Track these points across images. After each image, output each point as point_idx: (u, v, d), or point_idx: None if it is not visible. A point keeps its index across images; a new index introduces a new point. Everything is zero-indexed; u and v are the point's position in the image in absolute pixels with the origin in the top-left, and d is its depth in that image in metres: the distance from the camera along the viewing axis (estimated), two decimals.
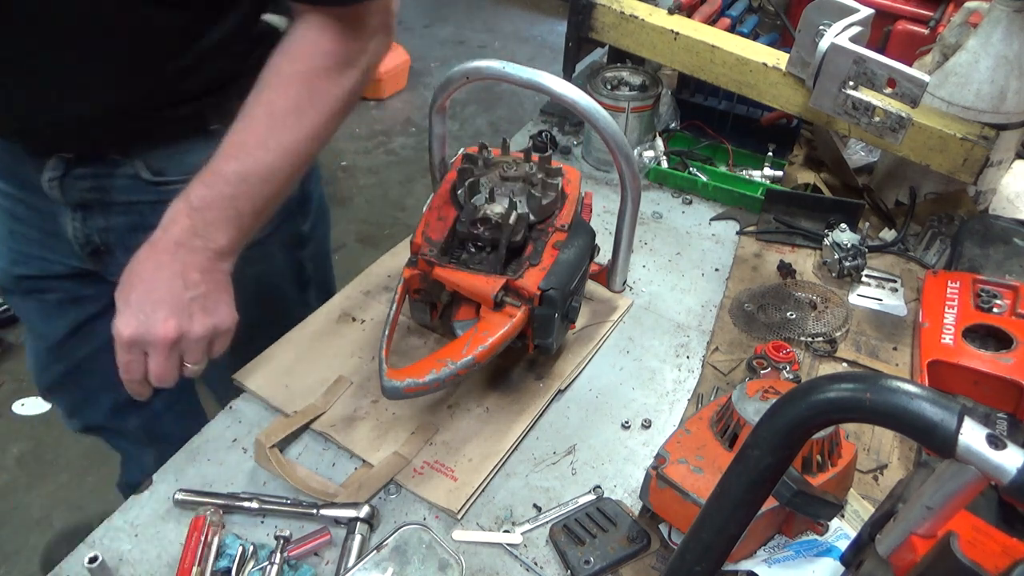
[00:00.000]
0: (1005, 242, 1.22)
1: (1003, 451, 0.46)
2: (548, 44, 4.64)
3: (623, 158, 0.94)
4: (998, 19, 1.18)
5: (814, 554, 0.82)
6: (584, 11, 1.38)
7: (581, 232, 1.01)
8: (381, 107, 4.00)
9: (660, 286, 1.23)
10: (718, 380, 1.07)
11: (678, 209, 1.40)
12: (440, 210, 1.01)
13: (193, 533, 0.83)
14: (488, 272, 0.94)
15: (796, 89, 1.26)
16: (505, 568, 0.85)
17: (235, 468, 0.94)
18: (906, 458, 0.97)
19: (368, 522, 0.86)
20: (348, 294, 1.18)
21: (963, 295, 1.11)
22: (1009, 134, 1.23)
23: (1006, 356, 1.01)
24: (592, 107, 0.90)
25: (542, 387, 1.04)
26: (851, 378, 0.50)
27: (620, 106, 1.39)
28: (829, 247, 1.24)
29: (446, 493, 0.90)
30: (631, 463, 0.96)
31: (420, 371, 0.88)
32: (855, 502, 0.89)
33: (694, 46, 1.31)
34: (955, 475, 0.52)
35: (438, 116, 1.03)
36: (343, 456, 0.96)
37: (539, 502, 0.91)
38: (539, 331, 0.96)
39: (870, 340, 1.13)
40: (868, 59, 1.10)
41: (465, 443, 0.97)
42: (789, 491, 0.72)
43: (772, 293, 1.19)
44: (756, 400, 0.82)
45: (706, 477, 0.80)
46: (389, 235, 3.20)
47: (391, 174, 3.56)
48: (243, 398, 1.03)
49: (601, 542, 0.85)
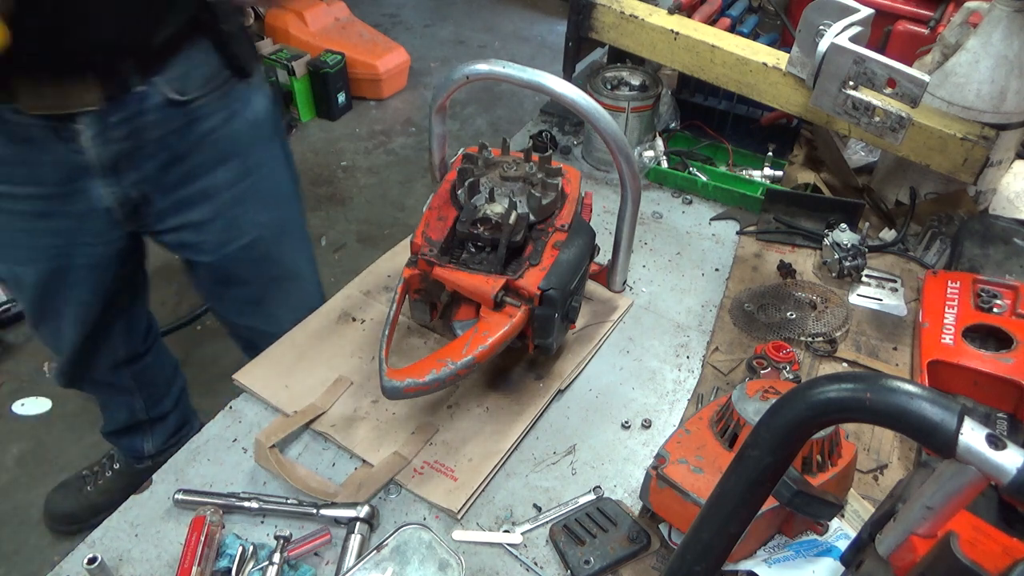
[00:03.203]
0: (1005, 242, 1.22)
1: (1003, 451, 0.46)
2: (548, 44, 4.64)
3: (623, 158, 0.94)
4: (998, 19, 1.18)
5: (814, 554, 0.82)
6: (584, 11, 1.38)
7: (581, 232, 1.01)
8: (381, 107, 4.00)
9: (660, 286, 1.23)
10: (718, 380, 1.07)
11: (678, 209, 1.40)
12: (440, 210, 1.01)
13: (193, 533, 0.83)
14: (488, 272, 0.94)
15: (796, 89, 1.26)
16: (505, 568, 0.85)
17: (235, 468, 0.94)
18: (906, 458, 0.97)
19: (368, 522, 0.86)
20: (348, 294, 1.18)
21: (963, 295, 1.11)
22: (1009, 134, 1.23)
23: (1006, 356, 1.01)
24: (592, 107, 0.90)
25: (542, 387, 1.04)
26: (851, 378, 0.50)
27: (620, 106, 1.39)
28: (829, 247, 1.24)
29: (446, 493, 0.90)
30: (631, 463, 0.96)
31: (420, 371, 0.88)
32: (855, 502, 0.89)
33: (694, 46, 1.31)
34: (955, 475, 0.52)
35: (438, 116, 1.03)
36: (343, 456, 0.96)
37: (539, 502, 0.91)
38: (539, 331, 0.96)
39: (870, 340, 1.13)
40: (868, 59, 1.10)
41: (465, 443, 0.97)
42: (789, 491, 0.72)
43: (772, 293, 1.19)
44: (756, 400, 0.82)
45: (706, 477, 0.80)
46: (389, 235, 3.20)
47: (391, 174, 3.56)
48: (243, 398, 1.03)
49: (601, 542, 0.85)
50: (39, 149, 1.08)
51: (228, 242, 1.32)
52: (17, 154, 1.08)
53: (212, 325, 2.68)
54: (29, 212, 1.15)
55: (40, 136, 1.06)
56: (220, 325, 1.63)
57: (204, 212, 1.26)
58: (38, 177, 1.11)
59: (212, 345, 2.61)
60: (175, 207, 1.23)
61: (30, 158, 1.08)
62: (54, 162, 1.09)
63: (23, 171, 1.10)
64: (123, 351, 1.56)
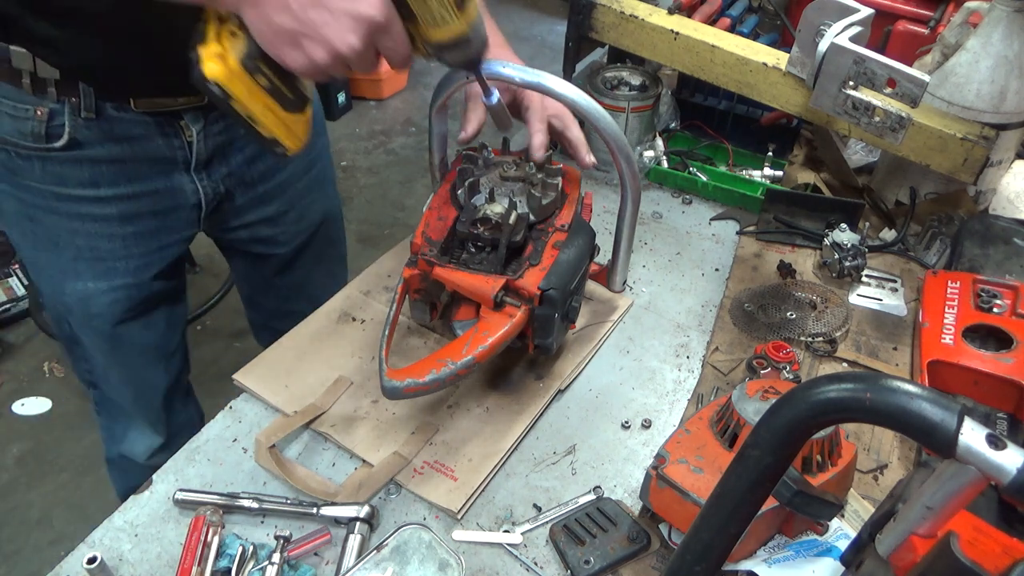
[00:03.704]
0: (1005, 242, 1.22)
1: (1003, 451, 0.46)
2: (548, 44, 4.64)
3: (623, 158, 0.94)
4: (998, 19, 1.18)
5: (814, 554, 0.82)
6: (584, 11, 1.38)
7: (581, 232, 1.01)
8: (381, 107, 4.00)
9: (660, 286, 1.23)
10: (718, 380, 1.07)
11: (678, 209, 1.40)
12: (440, 210, 1.01)
13: (193, 533, 0.83)
14: (488, 272, 0.94)
15: (796, 89, 1.26)
16: (505, 568, 0.85)
17: (235, 468, 0.94)
18: (906, 458, 0.97)
19: (368, 522, 0.86)
20: (348, 294, 1.18)
21: (963, 295, 1.11)
22: (1009, 134, 1.23)
23: (1006, 356, 1.01)
24: (592, 107, 0.90)
25: (542, 387, 1.04)
26: (851, 378, 0.50)
27: (620, 106, 1.39)
28: (829, 247, 1.23)
29: (446, 493, 0.90)
30: (631, 463, 0.96)
31: (420, 371, 0.88)
32: (855, 502, 0.89)
33: (694, 46, 1.31)
34: (955, 475, 0.52)
35: (438, 116, 1.03)
36: (343, 456, 0.96)
37: (539, 502, 0.91)
38: (539, 331, 0.96)
39: (870, 340, 1.13)
40: (868, 59, 1.10)
41: (465, 443, 0.97)
42: (789, 491, 0.72)
43: (772, 293, 1.19)
44: (756, 400, 0.82)
45: (706, 477, 0.80)
46: (389, 235, 3.20)
47: (391, 174, 3.56)
48: (243, 398, 1.03)
49: (601, 542, 0.85)
50: (138, 146, 1.07)
51: (300, 232, 1.38)
52: (111, 153, 1.06)
53: (212, 325, 2.69)
54: (116, 216, 1.12)
55: (142, 133, 1.06)
56: (219, 325, 1.63)
57: (280, 205, 1.31)
58: (130, 174, 1.10)
59: (212, 345, 2.61)
60: (253, 202, 1.27)
61: (125, 155, 1.07)
62: (150, 159, 1.09)
63: (114, 170, 1.08)
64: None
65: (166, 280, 1.25)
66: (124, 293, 1.19)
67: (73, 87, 0.99)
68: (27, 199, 1.09)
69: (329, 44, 0.75)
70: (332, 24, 0.74)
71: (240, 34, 0.77)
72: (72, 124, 1.02)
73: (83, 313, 1.20)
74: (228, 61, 0.77)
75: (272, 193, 1.28)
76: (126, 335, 1.24)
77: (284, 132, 0.84)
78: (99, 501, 2.15)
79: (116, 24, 0.94)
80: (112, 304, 1.19)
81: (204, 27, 0.78)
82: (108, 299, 1.18)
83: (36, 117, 1.01)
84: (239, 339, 2.62)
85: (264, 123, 0.82)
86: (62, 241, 1.13)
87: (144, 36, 0.95)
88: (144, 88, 1.03)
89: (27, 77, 0.98)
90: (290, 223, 1.35)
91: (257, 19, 0.75)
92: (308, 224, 1.39)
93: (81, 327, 1.23)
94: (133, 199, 1.12)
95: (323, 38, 0.75)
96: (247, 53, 0.77)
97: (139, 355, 1.30)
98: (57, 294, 1.19)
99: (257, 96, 0.79)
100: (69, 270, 1.16)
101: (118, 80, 1.02)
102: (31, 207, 1.10)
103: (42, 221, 1.11)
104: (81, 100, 1.00)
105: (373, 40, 0.77)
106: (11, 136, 1.02)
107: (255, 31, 0.76)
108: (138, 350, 1.29)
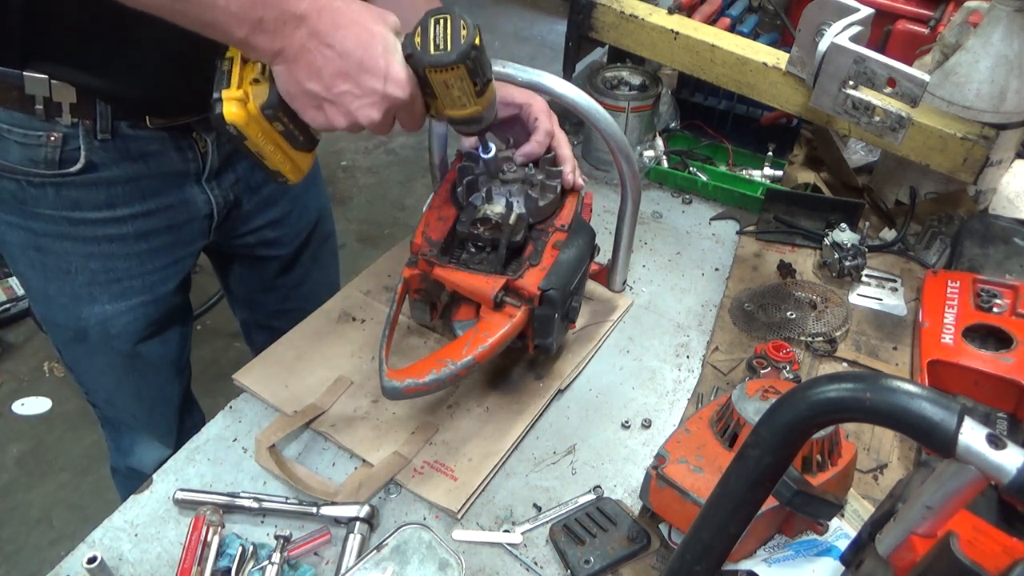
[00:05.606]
0: (1005, 242, 1.22)
1: (1003, 451, 0.46)
2: (548, 44, 4.63)
3: (623, 158, 0.94)
4: (998, 19, 1.18)
5: (814, 554, 0.82)
6: (584, 11, 1.38)
7: (581, 232, 1.01)
8: None
9: (660, 286, 1.23)
10: (718, 380, 1.07)
11: (678, 209, 1.40)
12: (440, 210, 1.01)
13: (193, 533, 0.83)
14: (488, 272, 0.94)
15: (796, 89, 1.26)
16: (505, 568, 0.85)
17: (235, 468, 0.94)
18: (906, 458, 0.97)
19: (368, 522, 0.86)
20: (348, 294, 1.18)
21: (963, 295, 1.11)
22: (1009, 134, 1.23)
23: (1006, 356, 1.01)
24: (592, 107, 0.90)
25: (542, 387, 1.04)
26: (851, 378, 0.50)
27: (620, 106, 1.39)
28: (829, 247, 1.24)
29: (446, 493, 0.90)
30: (631, 463, 0.96)
31: (420, 371, 0.88)
32: (855, 502, 0.89)
33: (694, 46, 1.31)
34: (955, 475, 0.52)
35: None
36: (343, 456, 0.96)
37: (539, 502, 0.91)
38: (539, 331, 0.96)
39: (870, 340, 1.13)
40: (868, 59, 1.10)
41: (465, 443, 0.97)
42: (789, 491, 0.72)
43: (772, 293, 1.19)
44: (756, 400, 0.82)
45: (706, 477, 0.80)
46: (389, 235, 3.20)
47: (391, 174, 3.56)
48: (243, 398, 1.03)
49: (601, 542, 0.85)
50: (153, 163, 1.06)
51: (300, 231, 1.39)
52: (127, 173, 1.05)
53: (212, 325, 2.69)
54: (132, 235, 1.11)
55: (157, 149, 1.05)
56: (219, 325, 1.62)
57: (283, 207, 1.31)
58: (145, 192, 1.08)
59: (212, 345, 2.61)
60: (260, 206, 1.27)
61: (140, 173, 1.06)
62: (164, 174, 1.08)
63: (129, 189, 1.07)
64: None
65: (181, 294, 1.25)
66: (142, 311, 1.18)
67: (89, 108, 0.98)
68: (37, 228, 1.06)
69: (351, 116, 0.79)
70: (359, 100, 0.78)
71: (264, 82, 0.79)
72: (88, 146, 1.00)
73: (101, 336, 1.17)
74: (249, 107, 0.79)
75: (275, 195, 1.29)
76: (144, 353, 1.23)
77: (290, 167, 0.86)
78: (99, 501, 2.15)
79: (169, 49, 0.94)
80: (131, 323, 1.18)
81: (229, 69, 0.80)
82: (127, 319, 1.17)
83: (49, 143, 0.98)
84: (239, 339, 2.60)
85: (272, 160, 0.84)
86: (75, 267, 1.11)
87: (180, 57, 0.93)
88: (164, 107, 1.03)
89: (40, 103, 0.96)
90: (292, 223, 1.36)
91: (287, 78, 0.77)
92: (307, 222, 1.40)
93: (96, 351, 1.20)
94: (148, 216, 1.11)
95: (347, 110, 0.78)
96: (268, 102, 0.79)
97: (155, 372, 1.28)
98: (71, 321, 1.16)
99: (271, 137, 0.82)
100: (84, 295, 1.13)
101: (142, 99, 1.01)
102: (41, 236, 1.07)
103: (52, 250, 1.09)
104: (96, 122, 0.99)
105: (393, 114, 0.81)
106: (22, 164, 1.00)
107: (282, 87, 0.78)
108: (155, 367, 1.27)
